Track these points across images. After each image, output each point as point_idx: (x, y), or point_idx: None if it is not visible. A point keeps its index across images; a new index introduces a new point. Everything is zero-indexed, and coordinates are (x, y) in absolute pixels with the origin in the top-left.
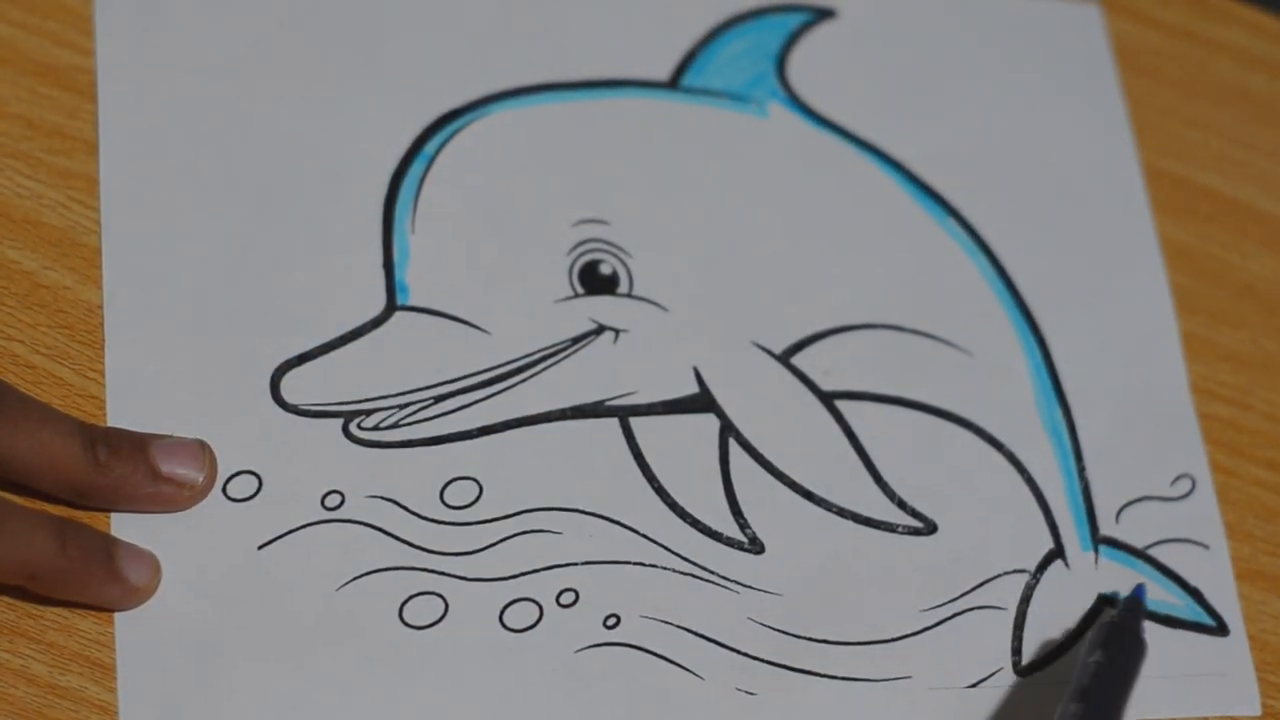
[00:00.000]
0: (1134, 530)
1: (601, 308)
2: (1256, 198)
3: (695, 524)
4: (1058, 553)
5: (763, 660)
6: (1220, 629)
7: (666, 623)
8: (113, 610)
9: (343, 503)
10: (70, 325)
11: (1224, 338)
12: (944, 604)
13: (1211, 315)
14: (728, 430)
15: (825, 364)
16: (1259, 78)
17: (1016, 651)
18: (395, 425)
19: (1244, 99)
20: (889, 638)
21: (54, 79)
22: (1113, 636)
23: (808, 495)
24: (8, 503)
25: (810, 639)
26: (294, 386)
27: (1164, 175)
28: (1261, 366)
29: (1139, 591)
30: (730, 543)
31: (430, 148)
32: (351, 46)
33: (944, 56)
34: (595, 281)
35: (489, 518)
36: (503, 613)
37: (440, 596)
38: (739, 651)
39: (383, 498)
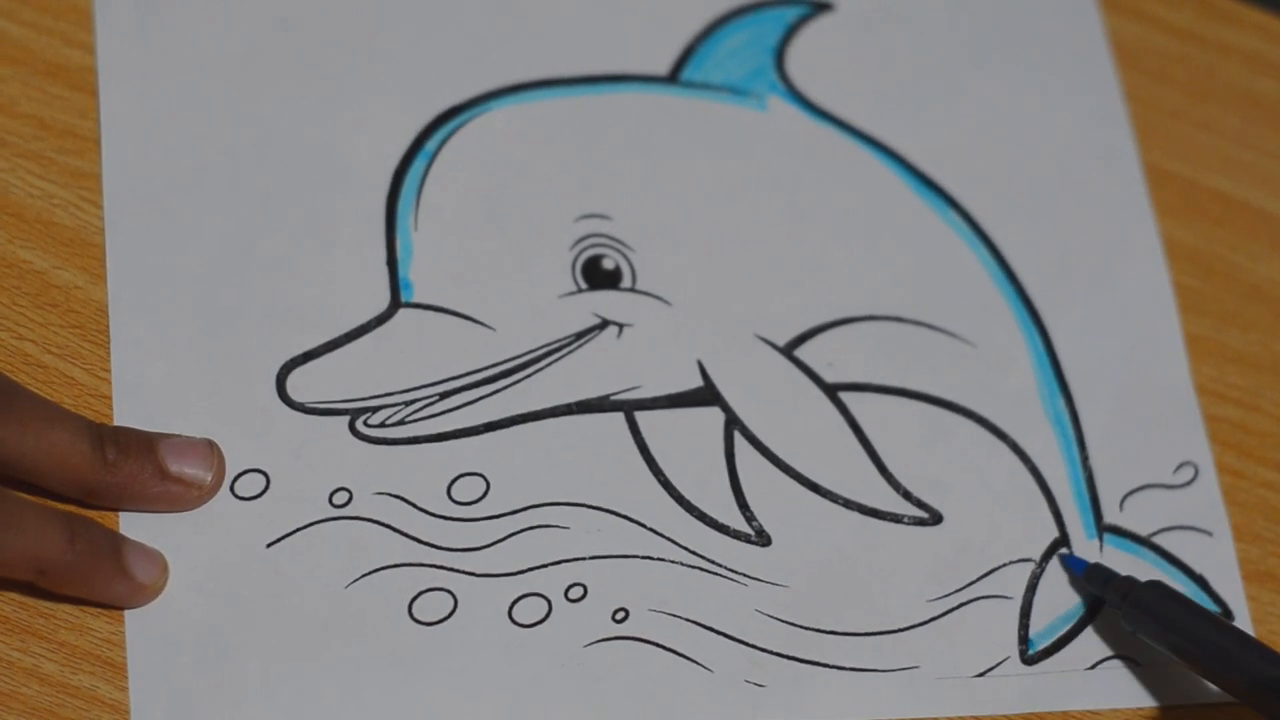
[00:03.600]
0: (1138, 518)
1: (605, 302)
2: (1265, 200)
3: (702, 517)
4: (1062, 541)
5: (771, 652)
6: (1225, 616)
7: (675, 616)
8: (121, 608)
9: (350, 500)
10: (81, 325)
11: (1232, 340)
12: (950, 594)
13: (1220, 317)
14: (733, 423)
15: (828, 356)
16: (1267, 80)
17: (1023, 640)
18: (401, 422)
19: (1252, 102)
20: (896, 628)
21: (65, 79)
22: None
23: (813, 487)
24: (18, 498)
25: (818, 630)
26: (300, 384)
27: (1172, 177)
28: (1270, 368)
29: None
30: (737, 535)
31: (431, 145)
32: (352, 44)
33: (941, 48)
34: (598, 276)
35: (496, 513)
36: (511, 608)
37: (449, 592)
38: (747, 643)
39: (390, 494)
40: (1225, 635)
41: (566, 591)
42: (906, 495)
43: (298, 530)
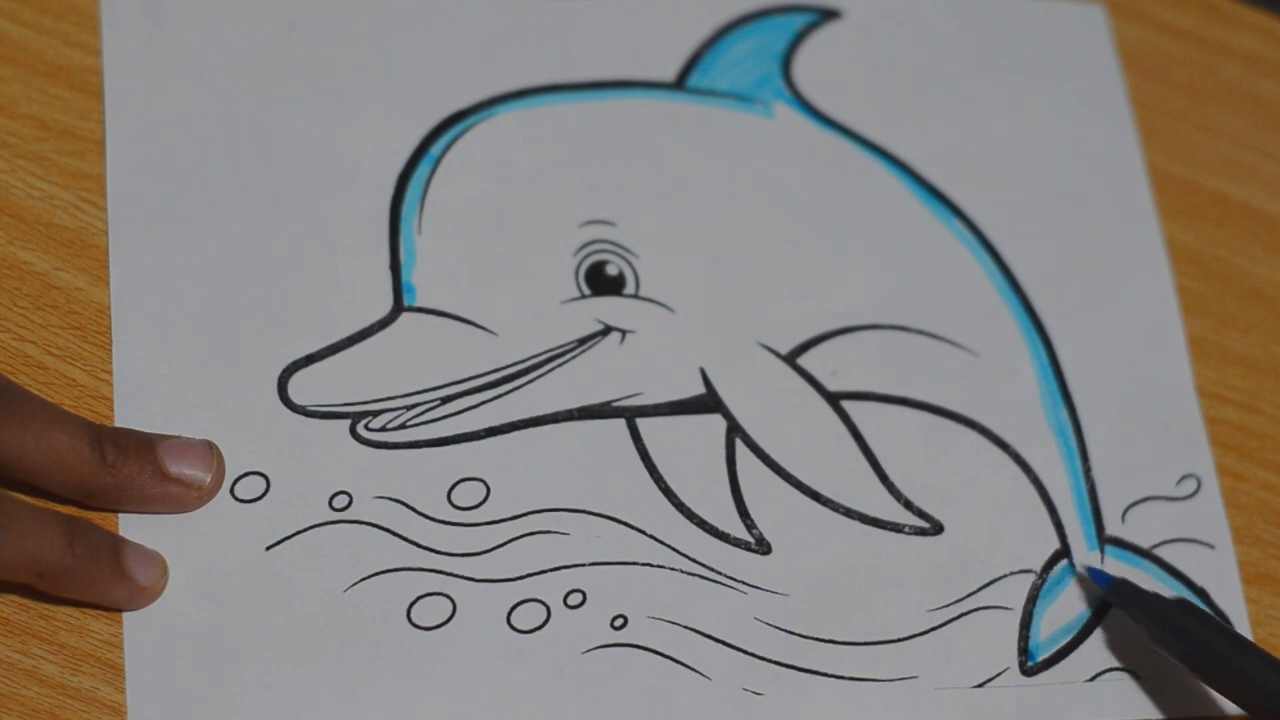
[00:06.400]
0: (1140, 530)
1: (608, 308)
2: (1266, 202)
3: (702, 524)
4: (1064, 553)
5: (770, 660)
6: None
7: (674, 623)
8: (120, 610)
9: (350, 503)
10: (82, 326)
11: (1233, 342)
12: (950, 604)
13: (1220, 319)
14: (734, 431)
15: (831, 364)
16: (1269, 82)
17: (1023, 651)
18: (403, 426)
19: (1254, 104)
20: (896, 638)
21: (66, 80)
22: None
23: (814, 496)
24: (17, 501)
25: (817, 639)
26: (301, 387)
27: (1174, 179)
28: (1270, 370)
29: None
30: (737, 543)
31: (436, 149)
32: (357, 48)
33: (948, 57)
34: (602, 282)
35: (496, 518)
36: (510, 613)
37: (448, 597)
38: (746, 652)
39: (390, 499)
40: (1253, 658)
41: (565, 598)
42: (908, 505)
43: (297, 533)
